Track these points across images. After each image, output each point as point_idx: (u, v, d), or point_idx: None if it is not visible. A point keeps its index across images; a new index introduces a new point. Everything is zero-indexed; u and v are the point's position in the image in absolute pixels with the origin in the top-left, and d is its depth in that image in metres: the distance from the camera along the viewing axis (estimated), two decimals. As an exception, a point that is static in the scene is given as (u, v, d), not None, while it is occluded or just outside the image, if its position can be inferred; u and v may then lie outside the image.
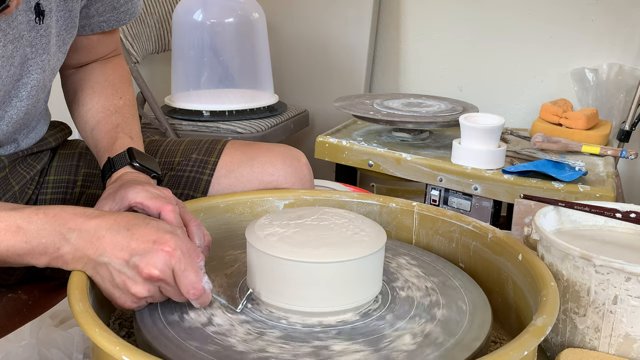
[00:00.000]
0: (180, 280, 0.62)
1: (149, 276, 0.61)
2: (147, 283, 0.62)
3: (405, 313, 0.68)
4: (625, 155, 1.57)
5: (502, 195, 1.49)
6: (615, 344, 0.72)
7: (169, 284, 0.62)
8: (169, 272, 0.61)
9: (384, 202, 0.91)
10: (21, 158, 0.91)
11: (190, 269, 0.62)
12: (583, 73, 1.98)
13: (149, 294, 0.62)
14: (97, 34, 0.94)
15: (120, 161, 0.82)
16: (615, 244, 0.83)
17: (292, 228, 0.69)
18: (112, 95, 0.93)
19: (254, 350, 0.60)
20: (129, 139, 0.87)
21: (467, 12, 2.13)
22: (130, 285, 0.62)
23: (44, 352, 0.77)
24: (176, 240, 0.62)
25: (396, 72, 2.28)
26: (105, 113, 0.90)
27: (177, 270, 0.61)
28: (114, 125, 0.88)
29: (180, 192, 0.94)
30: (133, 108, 0.94)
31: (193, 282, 0.62)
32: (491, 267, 0.80)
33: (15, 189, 0.89)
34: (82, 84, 0.94)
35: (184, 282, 0.62)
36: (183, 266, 0.61)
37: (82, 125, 0.93)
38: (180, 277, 0.62)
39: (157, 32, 2.02)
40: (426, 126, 1.71)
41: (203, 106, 1.87)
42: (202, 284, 0.63)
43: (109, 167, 0.82)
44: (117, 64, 0.99)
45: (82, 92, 0.94)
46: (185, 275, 0.62)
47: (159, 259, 0.61)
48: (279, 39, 2.27)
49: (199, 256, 0.64)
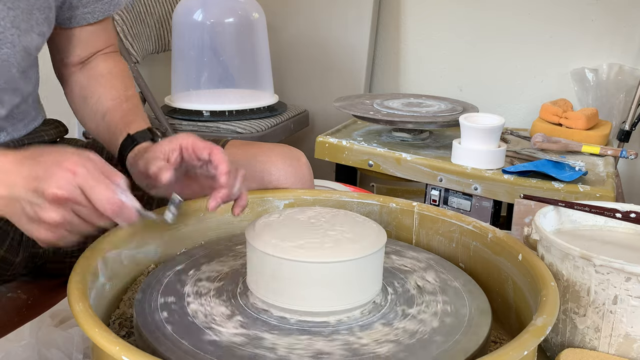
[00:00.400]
0: (92, 197, 0.59)
1: (54, 197, 0.59)
2: (55, 206, 0.59)
3: (405, 313, 0.68)
4: (625, 155, 1.57)
5: (502, 195, 1.49)
6: (615, 344, 0.72)
7: (81, 203, 0.60)
8: (75, 190, 0.59)
9: (384, 202, 0.91)
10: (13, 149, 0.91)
11: (100, 184, 0.60)
12: (583, 73, 1.98)
13: (62, 219, 0.60)
14: (87, 25, 0.94)
15: (142, 136, 0.81)
16: (615, 244, 0.83)
17: (292, 228, 0.69)
18: (119, 87, 0.94)
19: (254, 349, 0.60)
20: (145, 123, 0.87)
21: (467, 12, 2.13)
22: (39, 212, 0.60)
23: (44, 352, 0.76)
24: (80, 159, 0.60)
25: (396, 72, 2.28)
26: (116, 101, 0.91)
27: (85, 187, 0.59)
28: (126, 111, 0.89)
29: None
30: (139, 100, 0.95)
31: (107, 197, 0.60)
32: (491, 267, 0.80)
33: None
34: (88, 79, 0.95)
35: (96, 198, 0.59)
36: (91, 182, 0.59)
37: (91, 115, 0.93)
38: (91, 194, 0.59)
39: (157, 32, 2.02)
40: (426, 126, 1.71)
41: (203, 106, 1.87)
42: (118, 197, 0.60)
43: (130, 141, 0.81)
44: (118, 60, 1.00)
45: (89, 87, 0.94)
46: (95, 191, 0.59)
47: (61, 178, 0.59)
48: (279, 39, 2.27)
49: (117, 175, 0.62)
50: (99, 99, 0.92)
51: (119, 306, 0.75)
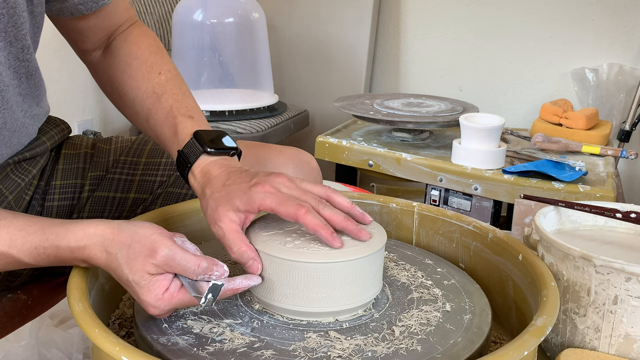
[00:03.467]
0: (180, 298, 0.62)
1: (150, 307, 0.61)
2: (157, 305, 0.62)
3: (405, 313, 0.68)
4: (625, 155, 1.57)
5: (502, 195, 1.49)
6: (616, 344, 0.72)
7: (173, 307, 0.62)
8: (168, 308, 0.62)
9: (384, 202, 0.91)
10: (13, 165, 0.87)
11: (183, 289, 0.62)
12: (583, 73, 1.98)
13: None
14: (86, 17, 0.85)
15: (192, 152, 0.74)
16: (616, 244, 0.83)
17: (292, 228, 0.69)
18: (148, 74, 0.84)
19: (253, 349, 0.60)
20: (189, 119, 0.78)
21: (467, 12, 2.13)
22: (140, 296, 0.62)
23: (44, 352, 0.77)
24: (167, 263, 0.61)
25: (396, 72, 2.28)
26: (152, 98, 0.82)
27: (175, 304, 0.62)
28: (167, 110, 0.80)
29: (185, 192, 0.94)
30: (178, 80, 0.85)
31: (190, 301, 0.62)
32: (491, 267, 0.80)
33: (9, 198, 0.86)
34: (113, 71, 0.87)
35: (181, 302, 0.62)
36: (178, 294, 0.62)
37: (133, 117, 0.86)
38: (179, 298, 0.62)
39: (157, 32, 2.02)
40: (426, 126, 1.71)
41: (203, 106, 1.87)
42: (193, 296, 0.61)
43: (184, 162, 0.74)
44: (139, 34, 0.89)
45: (117, 82, 0.86)
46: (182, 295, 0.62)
47: (153, 297, 0.61)
48: (279, 39, 2.27)
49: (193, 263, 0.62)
50: (134, 99, 0.84)
51: (119, 306, 0.75)
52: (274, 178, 0.66)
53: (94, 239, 0.63)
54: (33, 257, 0.65)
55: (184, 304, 0.62)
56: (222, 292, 0.62)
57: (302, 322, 0.65)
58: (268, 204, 0.64)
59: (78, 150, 0.96)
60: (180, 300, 0.61)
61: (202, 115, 0.81)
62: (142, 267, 0.60)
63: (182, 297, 0.61)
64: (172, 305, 0.61)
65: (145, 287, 0.60)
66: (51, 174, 0.93)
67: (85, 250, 0.63)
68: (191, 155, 0.73)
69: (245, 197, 0.64)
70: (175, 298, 0.61)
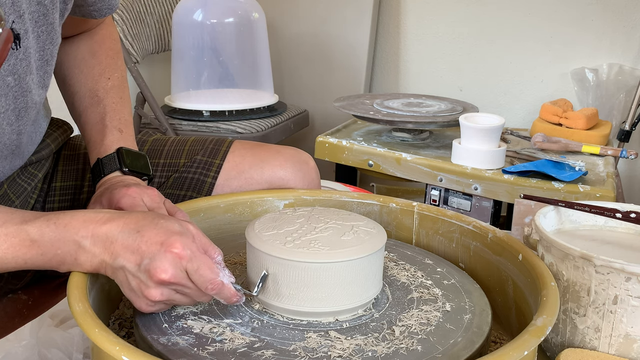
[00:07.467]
0: (195, 279, 0.61)
1: (160, 281, 0.60)
2: (159, 287, 0.61)
3: (405, 313, 0.68)
4: (625, 155, 1.57)
5: (502, 195, 1.49)
6: (616, 344, 0.72)
7: (186, 285, 0.61)
8: (181, 274, 0.61)
9: (384, 202, 0.91)
10: (19, 169, 0.87)
11: (203, 266, 0.61)
12: (583, 73, 1.98)
13: (162, 297, 0.62)
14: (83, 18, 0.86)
15: (109, 165, 0.82)
16: (615, 244, 0.83)
17: (292, 228, 0.69)
18: (99, 76, 0.88)
19: (253, 349, 0.60)
20: (118, 132, 0.85)
21: (467, 12, 2.13)
22: (143, 289, 0.61)
23: (44, 352, 0.77)
24: (184, 241, 0.61)
25: (396, 72, 2.28)
26: (92, 99, 0.87)
27: (190, 270, 0.61)
28: (101, 117, 0.86)
29: (183, 193, 0.93)
30: (122, 89, 0.90)
31: (210, 279, 0.61)
32: (491, 267, 0.80)
33: (16, 203, 0.86)
34: (69, 60, 0.90)
35: (199, 281, 0.61)
36: (195, 265, 0.61)
37: (69, 105, 0.91)
38: (195, 276, 0.61)
39: (157, 32, 2.02)
40: (426, 126, 1.71)
41: (203, 106, 1.87)
42: (220, 278, 0.61)
43: (99, 171, 0.82)
44: (105, 35, 0.92)
45: (68, 71, 0.89)
46: (199, 272, 0.61)
47: (168, 262, 0.60)
48: (279, 39, 2.27)
49: (215, 251, 0.64)
50: (76, 93, 0.88)
51: (119, 306, 0.75)
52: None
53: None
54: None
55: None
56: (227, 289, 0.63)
57: (302, 322, 0.65)
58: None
59: (77, 151, 0.96)
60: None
61: (131, 129, 0.88)
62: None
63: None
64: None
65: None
66: (52, 175, 0.93)
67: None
68: (107, 167, 0.82)
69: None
70: None
